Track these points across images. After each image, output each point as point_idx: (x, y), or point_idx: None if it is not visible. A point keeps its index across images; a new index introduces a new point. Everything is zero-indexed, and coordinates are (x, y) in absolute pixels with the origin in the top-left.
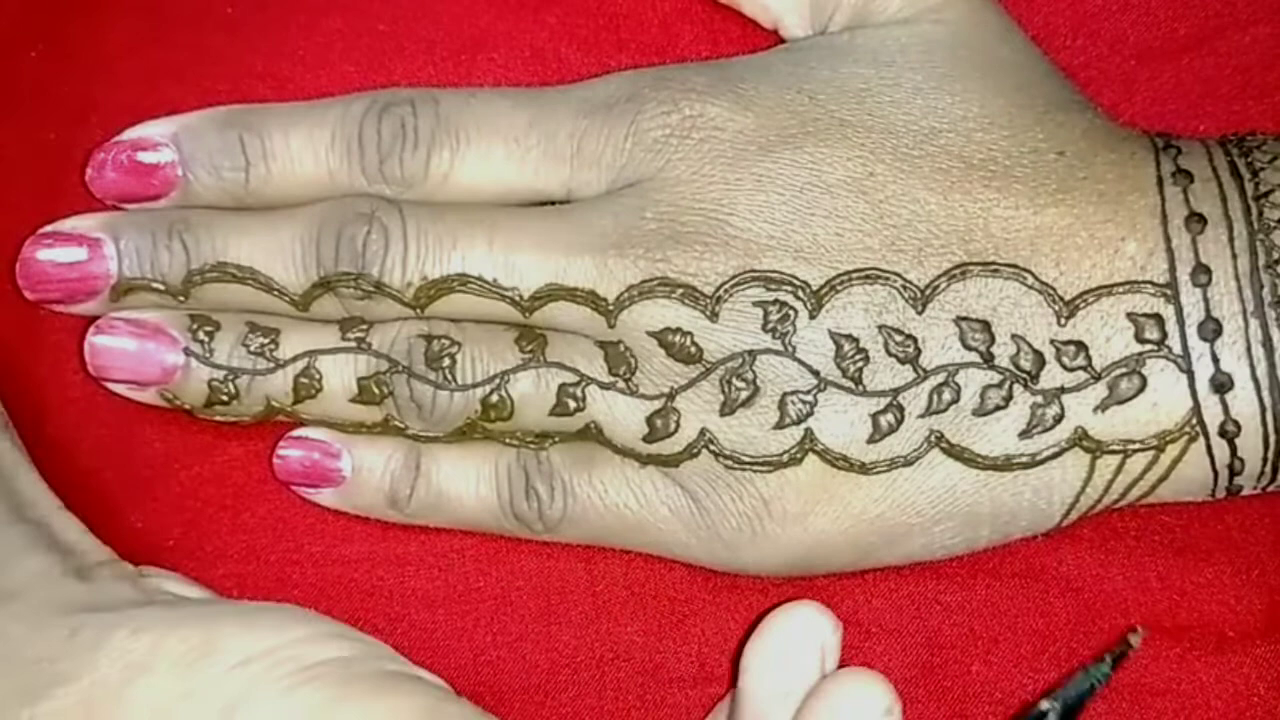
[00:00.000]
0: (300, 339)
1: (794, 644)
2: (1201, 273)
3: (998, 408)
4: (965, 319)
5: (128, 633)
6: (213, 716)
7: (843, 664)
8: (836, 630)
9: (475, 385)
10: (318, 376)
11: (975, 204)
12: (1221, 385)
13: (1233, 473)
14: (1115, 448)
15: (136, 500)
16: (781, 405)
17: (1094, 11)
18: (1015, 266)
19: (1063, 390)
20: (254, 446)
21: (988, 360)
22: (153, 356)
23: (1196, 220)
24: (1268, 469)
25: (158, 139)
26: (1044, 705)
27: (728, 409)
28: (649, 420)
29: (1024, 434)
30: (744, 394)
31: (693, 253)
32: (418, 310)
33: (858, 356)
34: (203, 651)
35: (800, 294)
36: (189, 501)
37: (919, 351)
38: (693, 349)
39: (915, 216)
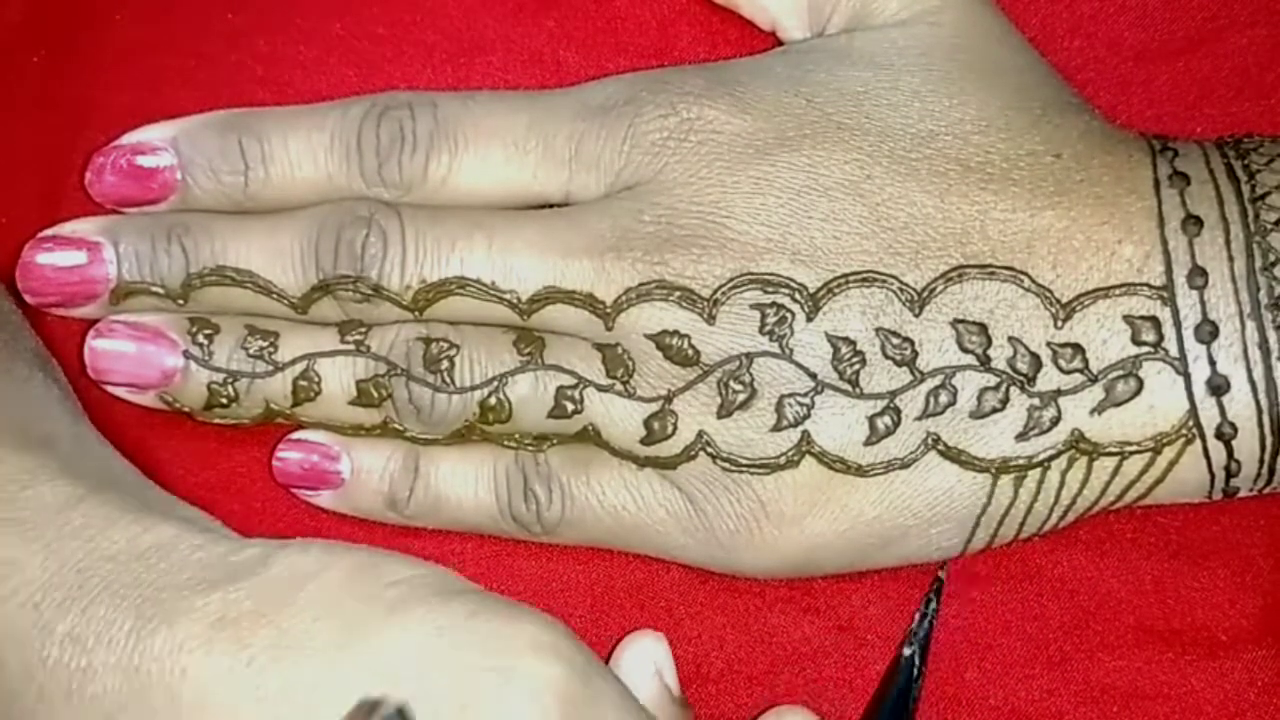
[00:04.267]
0: (299, 342)
1: (632, 668)
2: (1198, 275)
3: (994, 410)
4: (962, 321)
5: (295, 549)
6: (375, 617)
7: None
8: (660, 641)
9: (473, 388)
10: (316, 379)
11: (972, 206)
12: (1218, 388)
13: (1229, 475)
14: (1112, 450)
15: None
16: (779, 408)
17: (1091, 13)
18: (1012, 269)
19: (1059, 393)
20: (256, 452)
21: (984, 363)
22: (152, 359)
23: (1193, 222)
24: (1264, 471)
25: (157, 143)
26: (907, 650)
27: (725, 411)
28: (647, 422)
29: (1021, 436)
30: (741, 396)
31: (690, 255)
32: (416, 313)
33: (855, 359)
34: (363, 569)
35: (797, 296)
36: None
37: (916, 354)
38: (690, 351)
39: (912, 219)
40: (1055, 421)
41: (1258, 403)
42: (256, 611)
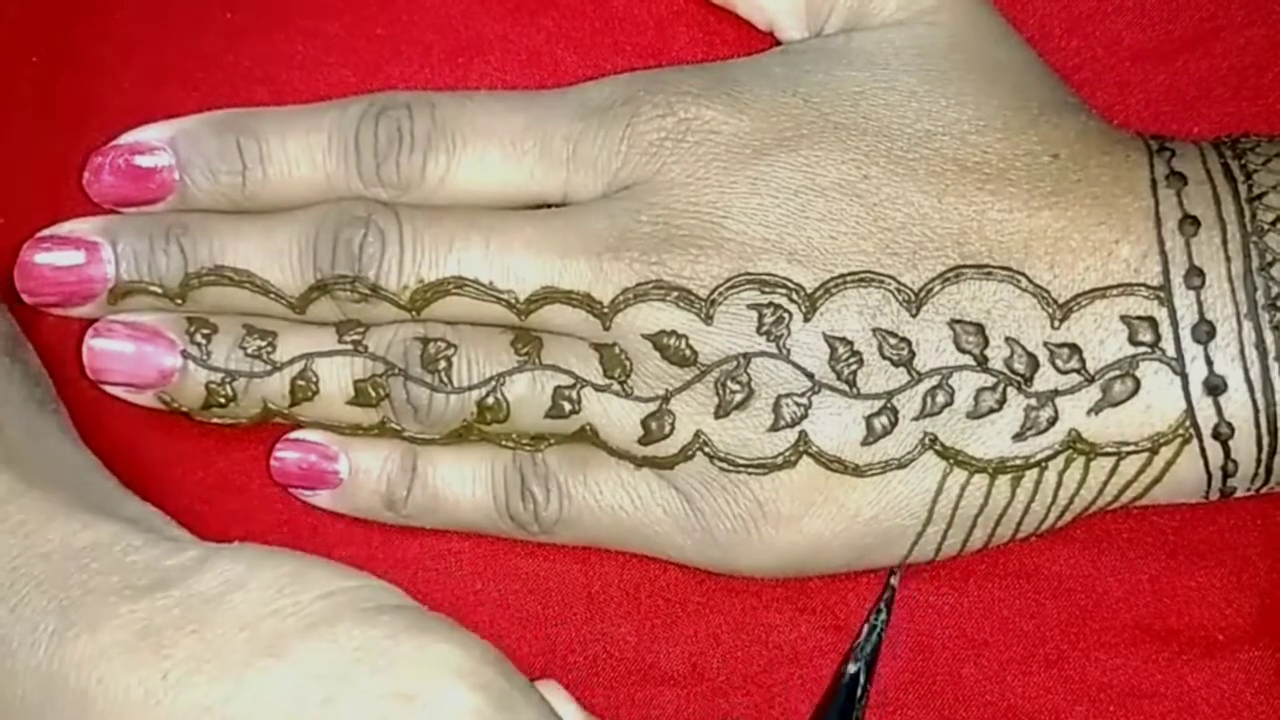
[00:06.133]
0: (297, 341)
1: None
2: (1195, 275)
3: (992, 410)
4: (959, 322)
5: (228, 556)
6: (296, 632)
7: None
8: (557, 690)
9: (471, 388)
10: (314, 379)
11: (970, 207)
12: (1215, 388)
13: (1226, 475)
14: (1109, 450)
15: None
16: (776, 408)
17: (1088, 13)
18: (1009, 269)
19: (1056, 393)
20: (253, 451)
21: (982, 363)
22: (150, 359)
23: (1190, 223)
24: (1261, 471)
25: (155, 143)
26: (851, 668)
27: (722, 411)
28: (644, 422)
29: (1018, 436)
30: (739, 396)
31: (688, 255)
32: (414, 313)
33: (852, 359)
34: (293, 579)
35: (795, 297)
36: (190, 507)
37: (913, 354)
38: (688, 351)
39: (909, 219)
40: (1052, 421)
41: (1254, 403)
42: (182, 620)
